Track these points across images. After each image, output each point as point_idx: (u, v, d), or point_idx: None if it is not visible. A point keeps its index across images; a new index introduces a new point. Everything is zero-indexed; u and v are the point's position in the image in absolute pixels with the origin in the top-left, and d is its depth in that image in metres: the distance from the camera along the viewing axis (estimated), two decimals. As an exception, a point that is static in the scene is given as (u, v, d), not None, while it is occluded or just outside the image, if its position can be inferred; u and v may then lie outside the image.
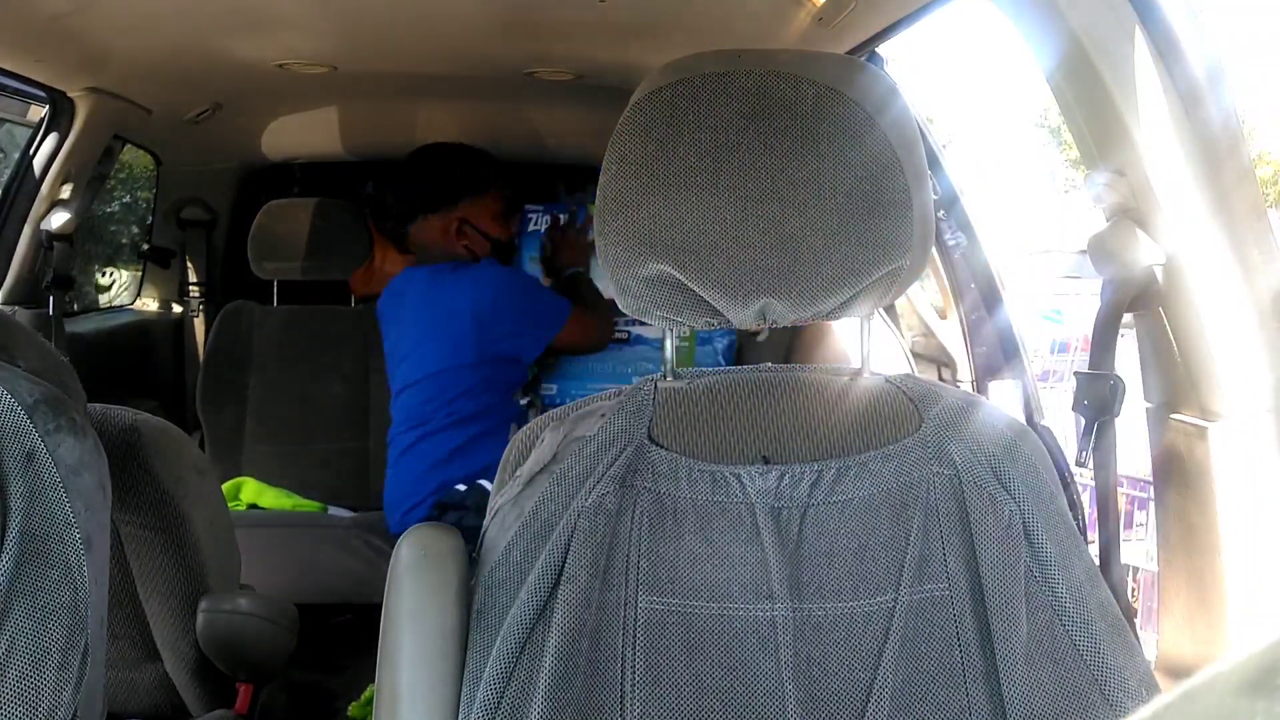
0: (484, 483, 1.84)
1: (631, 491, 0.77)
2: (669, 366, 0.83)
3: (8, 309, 2.01)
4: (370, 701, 0.79)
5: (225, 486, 2.12)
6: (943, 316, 1.93)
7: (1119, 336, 0.99)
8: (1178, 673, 0.97)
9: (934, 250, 1.67)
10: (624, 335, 2.19)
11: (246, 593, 1.19)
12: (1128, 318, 0.98)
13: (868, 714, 0.72)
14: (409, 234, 2.08)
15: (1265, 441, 0.89)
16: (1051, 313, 5.61)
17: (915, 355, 1.99)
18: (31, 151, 1.98)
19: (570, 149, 2.56)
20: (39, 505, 0.79)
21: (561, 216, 2.27)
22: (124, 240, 2.99)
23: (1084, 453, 0.98)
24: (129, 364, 2.51)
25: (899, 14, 1.44)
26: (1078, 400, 0.99)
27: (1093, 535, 1.02)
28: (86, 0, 1.51)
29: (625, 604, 0.75)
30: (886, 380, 0.83)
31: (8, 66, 1.75)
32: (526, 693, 0.72)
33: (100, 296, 2.80)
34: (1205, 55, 0.85)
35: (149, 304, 2.78)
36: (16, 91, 1.95)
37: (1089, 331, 1.04)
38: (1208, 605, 0.91)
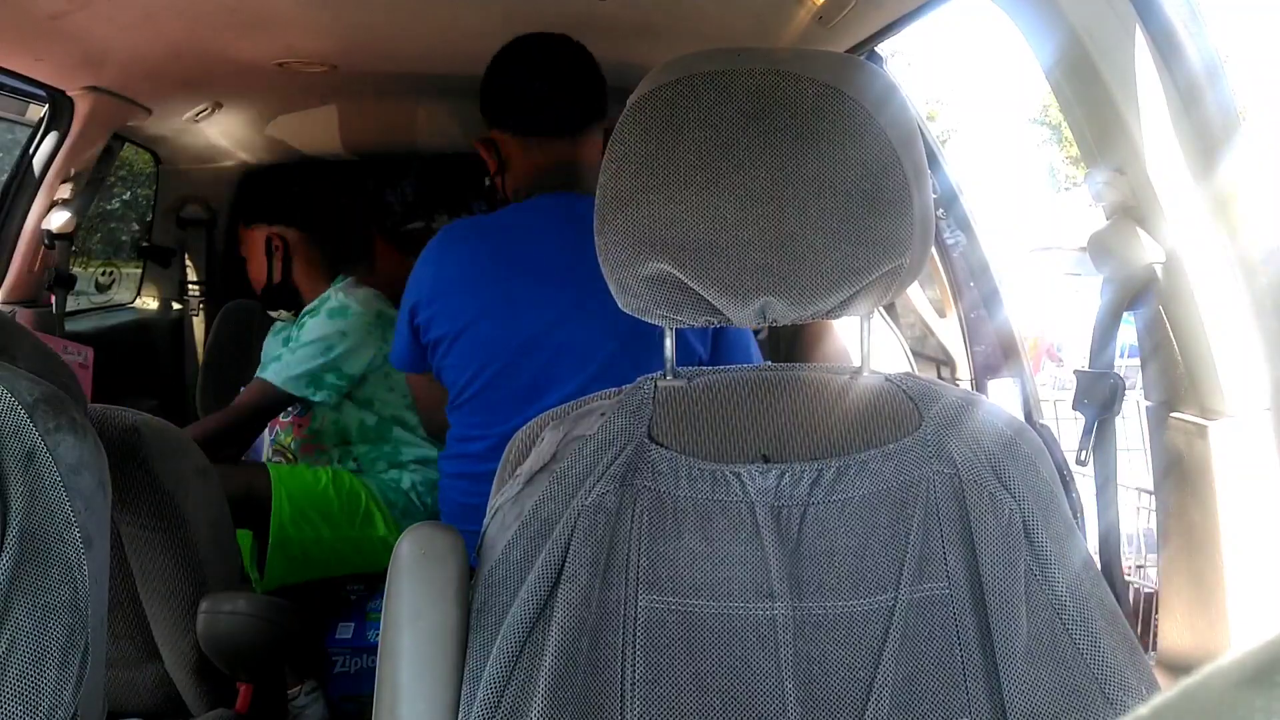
0: None
1: (631, 490, 0.77)
2: (669, 365, 0.83)
3: (7, 309, 2.01)
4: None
5: None
6: (941, 315, 1.94)
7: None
8: (1178, 671, 0.97)
9: (933, 249, 1.67)
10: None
11: (246, 593, 1.19)
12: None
13: (868, 712, 0.72)
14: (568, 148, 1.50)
15: (1265, 440, 0.88)
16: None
17: (914, 354, 2.00)
18: (31, 150, 1.98)
19: None
20: (39, 504, 0.79)
21: None
22: (124, 239, 2.99)
23: (1084, 451, 0.97)
24: (129, 363, 2.51)
25: (899, 12, 1.44)
26: (1078, 399, 0.99)
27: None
28: (86, -1, 1.51)
29: (625, 603, 0.75)
30: (886, 379, 0.83)
31: (7, 65, 1.75)
32: (527, 692, 0.72)
33: (100, 295, 2.81)
34: (1205, 53, 0.84)
35: (149, 303, 2.78)
36: (16, 90, 1.94)
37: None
38: (1208, 604, 0.91)
